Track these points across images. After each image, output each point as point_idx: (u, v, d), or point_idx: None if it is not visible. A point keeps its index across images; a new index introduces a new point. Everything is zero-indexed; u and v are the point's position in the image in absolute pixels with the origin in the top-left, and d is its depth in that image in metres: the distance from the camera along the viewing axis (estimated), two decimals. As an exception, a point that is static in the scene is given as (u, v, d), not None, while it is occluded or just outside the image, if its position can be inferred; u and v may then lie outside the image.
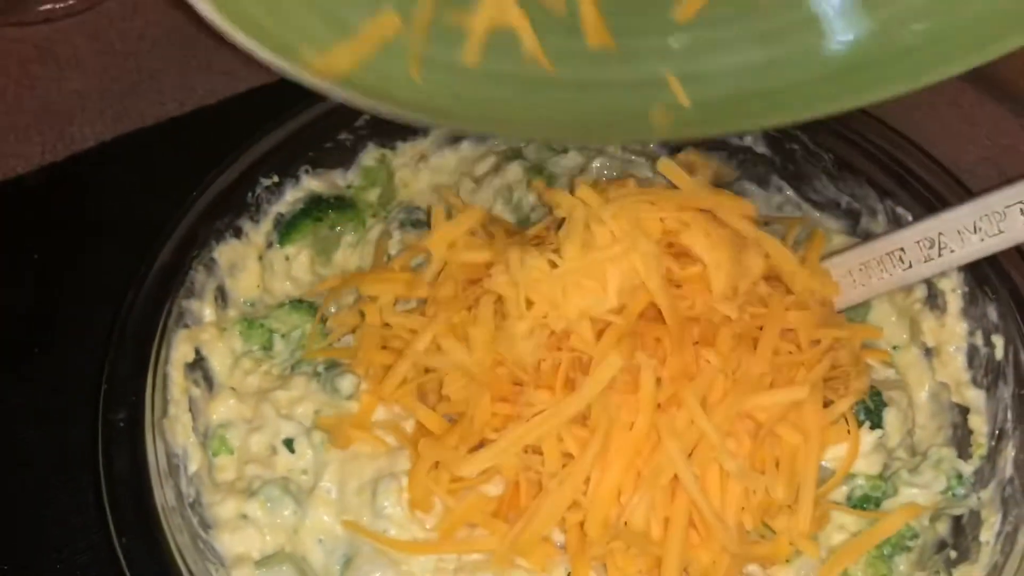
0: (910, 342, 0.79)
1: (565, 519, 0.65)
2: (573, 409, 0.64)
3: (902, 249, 0.73)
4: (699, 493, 0.62)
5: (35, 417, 0.81)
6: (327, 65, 0.58)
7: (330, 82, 0.58)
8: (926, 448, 0.73)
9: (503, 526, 0.65)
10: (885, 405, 0.72)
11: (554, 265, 0.67)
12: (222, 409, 0.72)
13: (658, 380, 0.64)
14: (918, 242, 0.72)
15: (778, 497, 0.65)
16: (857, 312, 0.79)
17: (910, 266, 0.72)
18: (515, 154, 0.86)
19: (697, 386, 0.65)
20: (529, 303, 0.67)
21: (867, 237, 0.80)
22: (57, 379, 0.83)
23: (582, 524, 0.64)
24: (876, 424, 0.71)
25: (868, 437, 0.71)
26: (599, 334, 0.66)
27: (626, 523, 0.64)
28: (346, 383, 0.72)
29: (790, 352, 0.69)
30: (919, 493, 0.70)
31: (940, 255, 0.71)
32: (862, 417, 0.71)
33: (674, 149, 0.87)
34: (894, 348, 0.79)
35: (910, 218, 0.78)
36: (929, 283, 0.77)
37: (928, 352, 0.78)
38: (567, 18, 0.62)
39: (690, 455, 0.63)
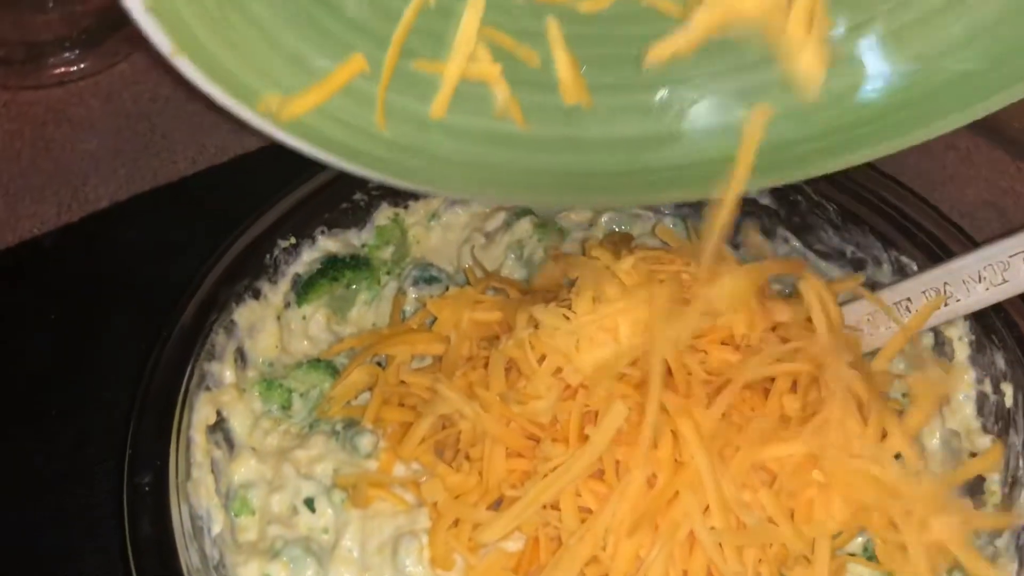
0: (919, 391, 0.79)
1: (584, 574, 0.65)
2: (585, 461, 0.64)
3: (909, 299, 0.74)
4: (716, 549, 0.63)
5: (55, 479, 0.81)
6: (286, 108, 0.53)
7: (285, 126, 0.53)
8: (939, 497, 0.74)
9: (523, 583, 0.66)
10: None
11: (567, 319, 0.68)
12: (243, 470, 0.73)
13: (673, 434, 0.65)
14: (924, 292, 0.73)
15: (795, 549, 0.65)
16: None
17: (917, 316, 0.73)
18: (525, 211, 0.87)
19: (713, 439, 0.65)
20: (542, 358, 0.68)
21: (873, 287, 0.81)
22: (76, 440, 0.83)
23: (601, 579, 0.64)
24: (889, 473, 0.72)
25: (882, 487, 0.71)
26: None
27: (645, 577, 0.64)
28: (364, 441, 0.73)
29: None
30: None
31: (946, 304, 0.72)
32: (876, 467, 0.71)
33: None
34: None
35: (915, 267, 0.79)
36: (936, 331, 0.78)
37: (937, 400, 0.78)
38: (541, 72, 0.58)
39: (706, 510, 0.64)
